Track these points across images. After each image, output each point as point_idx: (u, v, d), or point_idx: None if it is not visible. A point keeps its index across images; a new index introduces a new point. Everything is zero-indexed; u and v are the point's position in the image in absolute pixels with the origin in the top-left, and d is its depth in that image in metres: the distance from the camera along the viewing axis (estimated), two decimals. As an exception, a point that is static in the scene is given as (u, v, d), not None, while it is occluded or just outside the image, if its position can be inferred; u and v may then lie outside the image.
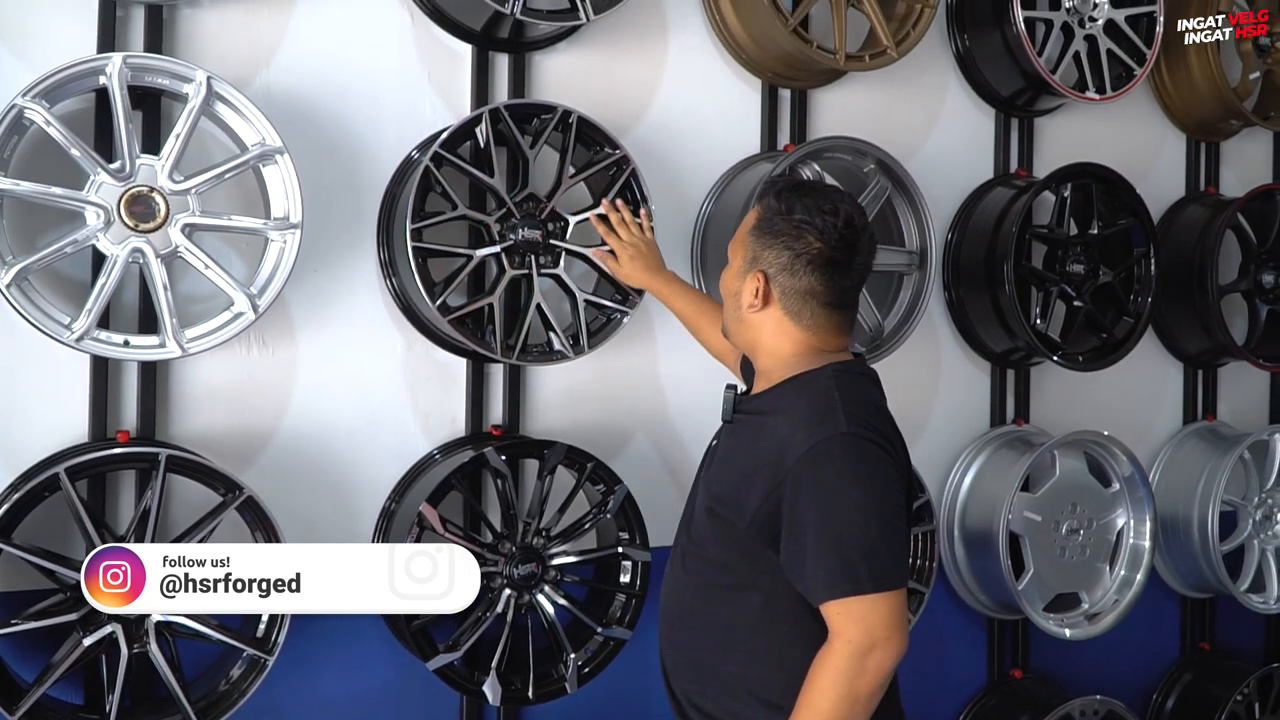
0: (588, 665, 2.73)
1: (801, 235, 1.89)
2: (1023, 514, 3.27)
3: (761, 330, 1.97)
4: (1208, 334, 3.64)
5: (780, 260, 1.91)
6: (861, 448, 1.84)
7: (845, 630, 1.80)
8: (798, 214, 1.90)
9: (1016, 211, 3.17)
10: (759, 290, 1.93)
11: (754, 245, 1.95)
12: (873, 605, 1.79)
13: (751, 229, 1.96)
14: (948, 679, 3.52)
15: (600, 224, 2.67)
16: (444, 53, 2.78)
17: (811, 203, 1.91)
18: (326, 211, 2.63)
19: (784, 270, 1.91)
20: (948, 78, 3.43)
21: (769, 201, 1.95)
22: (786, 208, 1.92)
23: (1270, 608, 3.76)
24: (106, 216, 2.26)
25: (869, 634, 1.79)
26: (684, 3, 3.04)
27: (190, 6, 2.52)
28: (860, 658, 1.79)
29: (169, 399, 2.53)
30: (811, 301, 1.92)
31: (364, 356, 2.72)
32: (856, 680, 1.79)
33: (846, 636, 1.79)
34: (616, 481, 2.74)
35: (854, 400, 1.90)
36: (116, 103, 2.25)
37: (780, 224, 1.91)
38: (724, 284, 2.04)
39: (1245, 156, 3.99)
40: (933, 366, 3.42)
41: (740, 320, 1.99)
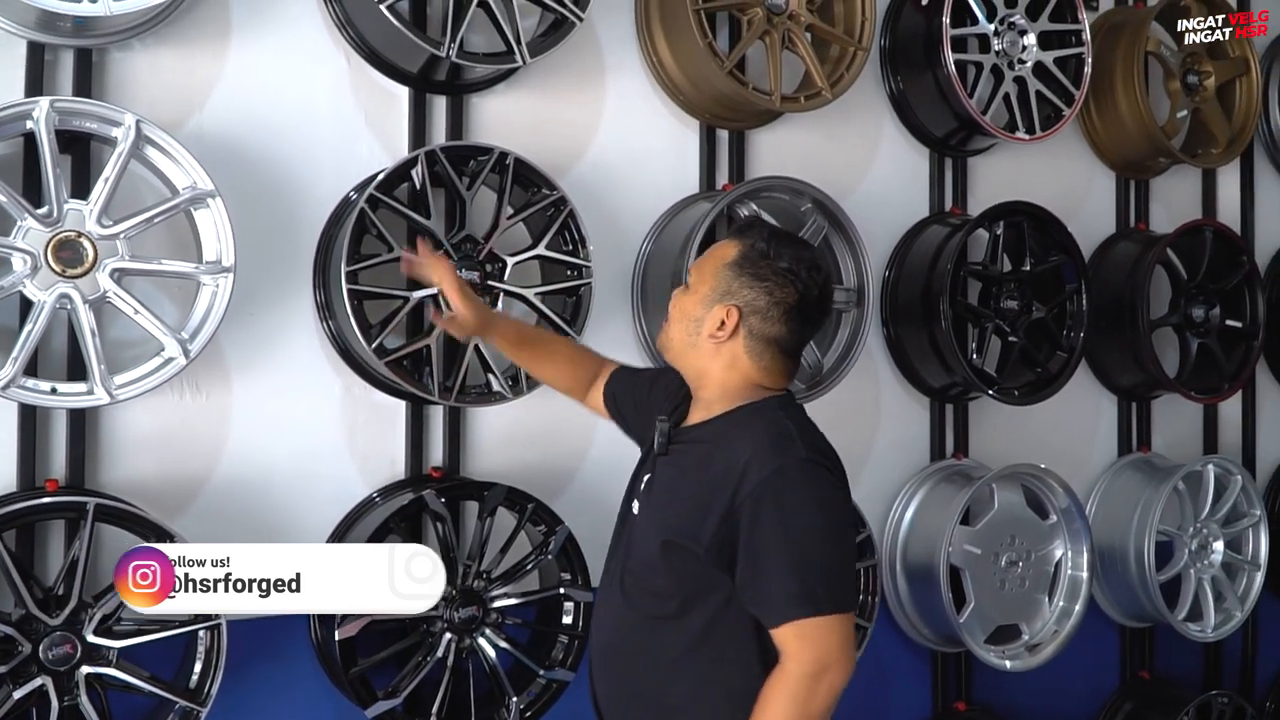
0: (530, 709, 2.71)
1: (785, 285, 1.93)
2: (963, 547, 3.30)
3: (715, 360, 1.98)
4: (1140, 367, 3.69)
5: (757, 303, 1.94)
6: (819, 474, 1.89)
7: (799, 652, 1.83)
8: (785, 262, 1.94)
9: (951, 249, 3.21)
10: (725, 323, 1.95)
11: (730, 279, 1.96)
12: (828, 628, 1.82)
13: (731, 263, 1.97)
14: (892, 712, 3.52)
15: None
16: (381, 95, 2.78)
17: (798, 254, 1.96)
18: (262, 254, 2.61)
19: (757, 313, 1.94)
20: (883, 118, 3.48)
21: (755, 243, 1.97)
22: (775, 253, 1.94)
23: (1208, 636, 3.81)
24: (33, 262, 2.23)
25: (823, 656, 1.82)
26: (621, 45, 3.07)
27: (121, 50, 2.50)
28: (814, 679, 1.82)
29: (99, 446, 2.49)
30: (773, 347, 1.96)
31: (301, 400, 2.69)
32: (809, 701, 1.82)
33: (800, 658, 1.82)
34: (558, 522, 2.73)
35: (807, 429, 1.96)
36: (44, 147, 2.23)
37: (765, 268, 1.94)
38: (682, 307, 2.03)
39: (1174, 193, 4.07)
40: (872, 402, 3.45)
41: (694, 346, 2.00)
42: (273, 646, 2.65)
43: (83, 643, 2.27)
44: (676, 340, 2.04)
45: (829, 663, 1.82)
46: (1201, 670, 4.15)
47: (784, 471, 1.86)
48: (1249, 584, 3.91)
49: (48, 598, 2.29)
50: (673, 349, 2.06)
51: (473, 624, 2.62)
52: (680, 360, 2.05)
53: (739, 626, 1.91)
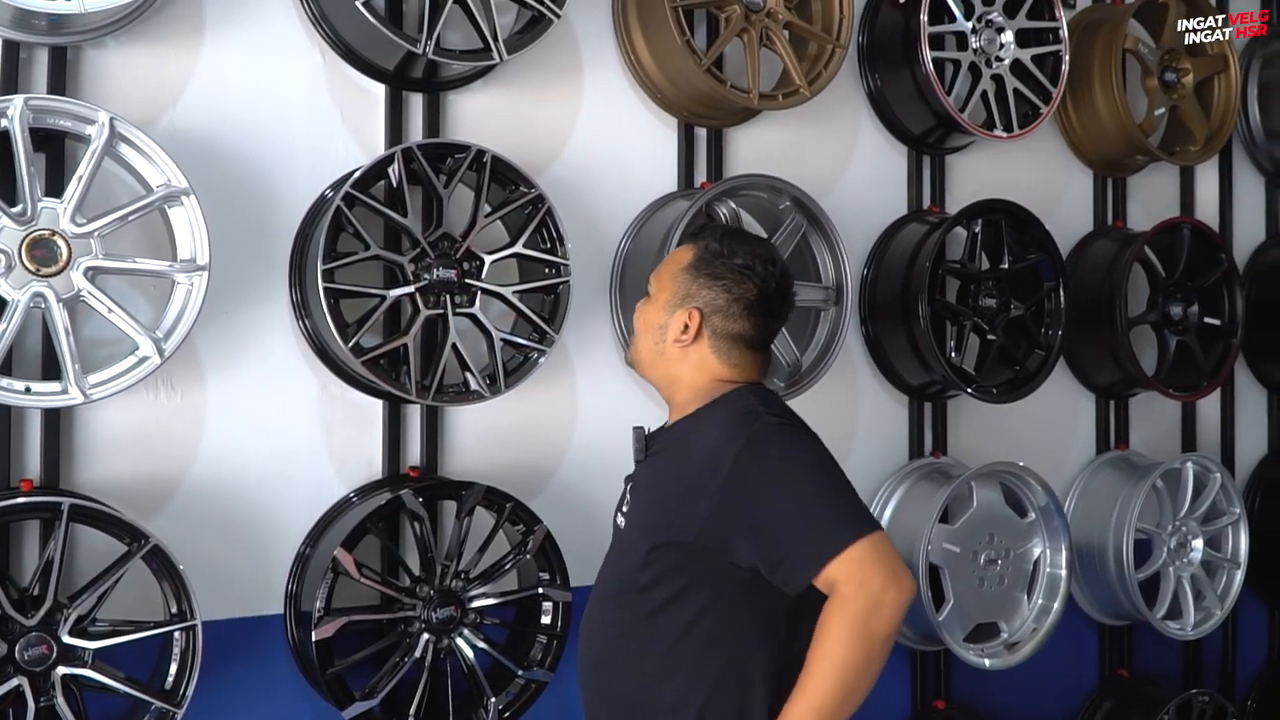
0: (508, 709, 2.69)
1: (742, 280, 1.98)
2: (942, 545, 3.30)
3: (684, 364, 2.03)
4: (1118, 365, 3.71)
5: (717, 302, 1.99)
6: (790, 432, 1.94)
7: (850, 579, 1.79)
8: (739, 259, 1.99)
9: (930, 247, 3.22)
10: (689, 326, 1.99)
11: (688, 283, 2.01)
12: (863, 551, 1.80)
13: (687, 267, 2.02)
14: (870, 712, 3.47)
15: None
16: (357, 92, 2.77)
17: (751, 250, 2.01)
18: (237, 252, 2.60)
19: (719, 311, 1.99)
20: (861, 116, 3.48)
21: (709, 244, 2.02)
22: (729, 251, 2.00)
23: (1187, 634, 3.81)
24: (7, 261, 2.21)
25: (874, 576, 1.80)
26: (599, 42, 3.07)
27: (95, 48, 2.48)
28: (874, 599, 1.79)
29: (73, 446, 2.47)
30: (740, 343, 2.01)
31: (276, 399, 2.68)
32: (871, 621, 1.79)
33: (855, 583, 1.79)
34: (536, 521, 2.72)
35: (772, 403, 2.00)
36: (18, 145, 2.21)
37: (720, 267, 1.99)
38: (646, 317, 2.08)
39: (1152, 191, 4.08)
40: (851, 400, 3.45)
41: (661, 354, 2.04)
42: (249, 647, 2.64)
43: (58, 643, 2.24)
44: (645, 352, 2.09)
45: (883, 579, 1.79)
46: (1181, 669, 4.15)
47: (755, 438, 1.89)
48: (1229, 582, 3.91)
49: (23, 598, 2.27)
50: (642, 361, 2.11)
51: (451, 624, 2.61)
52: (651, 371, 2.10)
53: (731, 620, 1.91)
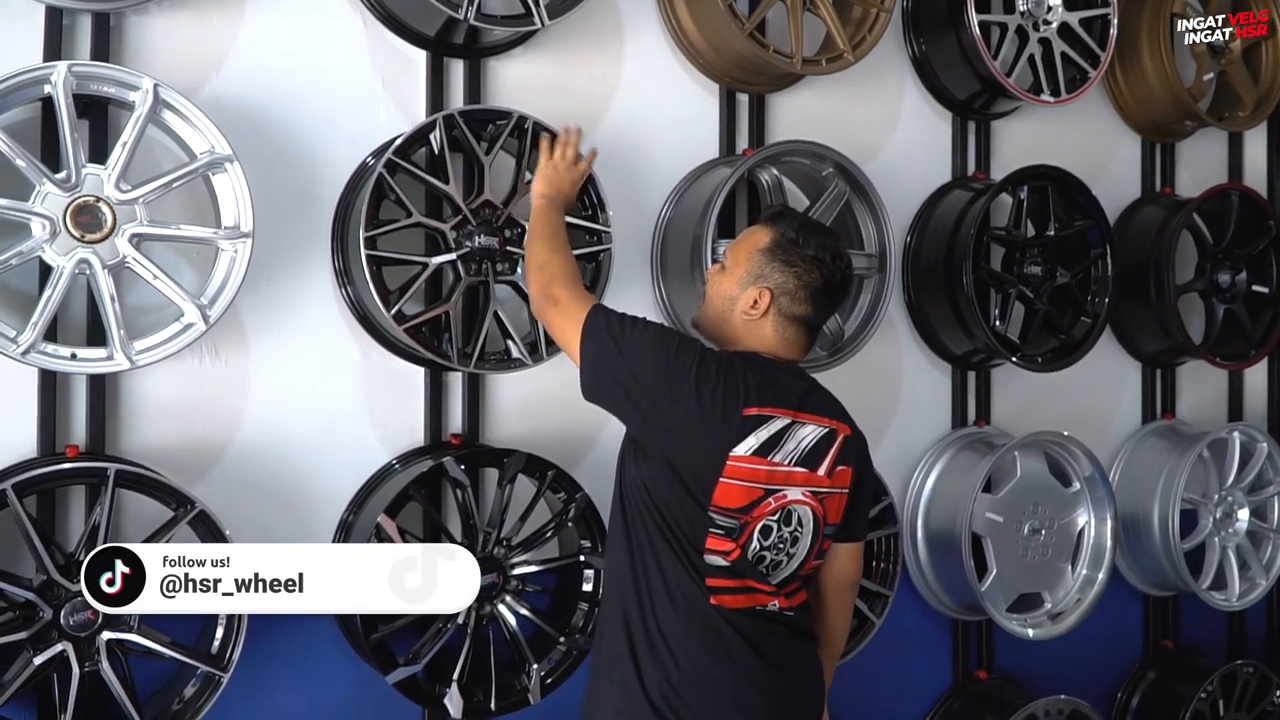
0: (550, 675, 2.71)
1: (812, 270, 2.21)
2: (985, 515, 3.28)
3: (746, 334, 2.24)
4: (1165, 334, 3.65)
5: (786, 285, 2.21)
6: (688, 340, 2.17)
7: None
8: (811, 250, 2.21)
9: (974, 214, 3.17)
10: (758, 303, 2.20)
11: (763, 264, 2.22)
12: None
13: (763, 249, 2.23)
14: (913, 681, 3.51)
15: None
16: (398, 59, 2.76)
17: (823, 242, 2.24)
18: (280, 220, 2.59)
19: (787, 294, 2.21)
20: (905, 82, 3.43)
21: (786, 231, 2.24)
22: (803, 241, 2.22)
23: (1232, 605, 3.78)
24: (52, 227, 2.22)
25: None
26: (640, 7, 3.03)
27: (138, 14, 2.48)
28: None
29: (119, 412, 2.49)
30: (798, 323, 2.24)
31: (319, 366, 2.69)
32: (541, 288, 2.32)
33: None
34: (577, 489, 2.72)
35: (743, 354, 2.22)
36: (62, 112, 2.22)
37: (794, 255, 2.21)
38: (719, 286, 2.28)
39: (1200, 157, 4.01)
40: (893, 369, 3.42)
41: (727, 320, 2.26)
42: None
43: (104, 608, 2.27)
44: (712, 315, 2.31)
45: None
46: (1225, 640, 4.12)
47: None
48: (1274, 552, 3.87)
49: (69, 563, 2.29)
50: (709, 323, 2.32)
51: (493, 591, 2.62)
52: (715, 333, 2.31)
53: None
